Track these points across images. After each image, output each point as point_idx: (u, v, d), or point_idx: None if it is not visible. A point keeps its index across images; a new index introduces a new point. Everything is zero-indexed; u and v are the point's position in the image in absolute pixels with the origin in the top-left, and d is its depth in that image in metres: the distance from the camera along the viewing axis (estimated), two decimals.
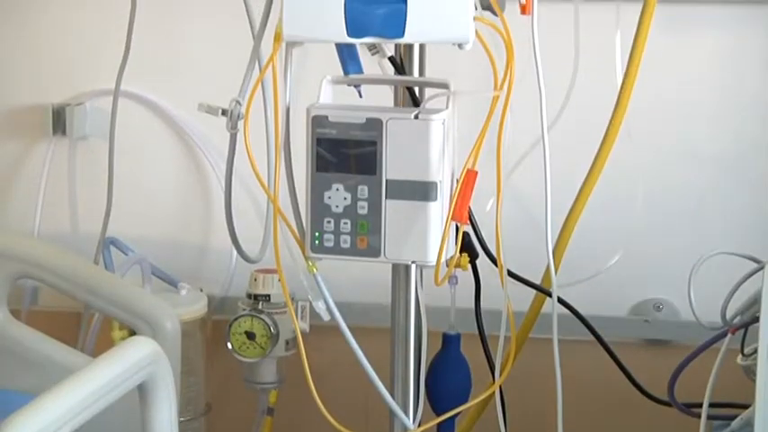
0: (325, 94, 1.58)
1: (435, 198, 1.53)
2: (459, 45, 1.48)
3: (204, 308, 2.22)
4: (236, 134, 1.72)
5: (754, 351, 1.51)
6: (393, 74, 1.64)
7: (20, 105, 2.39)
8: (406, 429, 1.69)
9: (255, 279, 2.16)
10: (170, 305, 1.85)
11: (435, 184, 1.52)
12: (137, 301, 1.81)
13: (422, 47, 1.65)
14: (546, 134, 1.59)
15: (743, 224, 2.16)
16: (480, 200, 1.64)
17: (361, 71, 1.61)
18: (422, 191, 1.53)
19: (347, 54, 1.60)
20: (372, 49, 1.62)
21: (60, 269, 1.83)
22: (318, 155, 1.55)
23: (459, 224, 1.56)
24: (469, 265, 1.64)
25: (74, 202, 2.40)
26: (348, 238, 1.56)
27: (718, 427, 1.66)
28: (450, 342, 1.75)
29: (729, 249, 1.67)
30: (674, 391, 1.70)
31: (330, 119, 1.54)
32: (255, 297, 2.16)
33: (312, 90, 1.57)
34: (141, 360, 1.30)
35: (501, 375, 1.67)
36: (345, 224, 1.55)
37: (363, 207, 1.54)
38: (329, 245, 1.56)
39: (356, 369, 1.64)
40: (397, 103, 1.67)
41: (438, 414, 1.72)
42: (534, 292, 1.84)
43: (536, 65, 1.56)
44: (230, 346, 2.15)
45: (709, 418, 1.62)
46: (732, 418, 1.61)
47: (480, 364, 1.74)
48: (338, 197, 1.55)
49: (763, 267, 1.53)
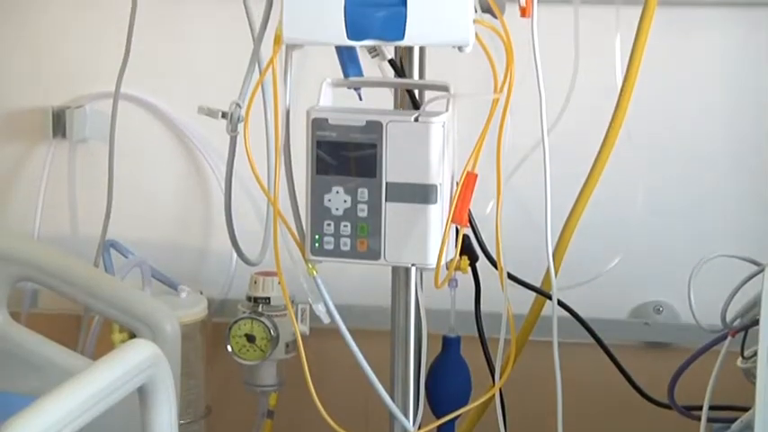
0: (325, 96, 1.58)
1: (435, 201, 1.53)
2: (459, 48, 1.48)
3: (204, 310, 2.22)
4: (236, 137, 1.72)
5: (754, 354, 1.50)
6: (393, 76, 1.64)
7: (20, 108, 2.38)
8: None
9: (255, 282, 2.16)
10: (170, 308, 1.85)
11: (435, 186, 1.52)
12: (137, 304, 1.81)
13: (422, 49, 1.64)
14: (546, 136, 1.59)
15: (743, 226, 2.16)
16: (480, 202, 1.64)
17: (361, 74, 1.60)
18: (422, 193, 1.52)
19: (347, 57, 1.59)
20: (372, 51, 1.61)
21: (60, 272, 1.83)
22: (318, 157, 1.55)
23: (459, 227, 1.55)
24: (469, 268, 1.63)
25: (74, 205, 2.40)
26: (348, 240, 1.56)
27: (719, 430, 1.66)
28: (451, 345, 1.75)
29: (729, 252, 1.68)
30: (674, 394, 1.70)
31: (330, 121, 1.54)
32: (255, 300, 2.16)
33: (312, 93, 1.57)
34: (141, 363, 1.30)
35: (501, 378, 1.67)
36: (345, 227, 1.55)
37: (363, 210, 1.54)
38: (329, 247, 1.56)
39: (356, 372, 1.64)
40: (396, 105, 1.67)
41: (438, 417, 1.72)
42: (534, 294, 1.84)
43: (536, 67, 1.56)
44: (230, 348, 2.14)
45: (710, 420, 1.62)
46: (732, 420, 1.61)
47: (480, 367, 1.74)
48: (338, 200, 1.55)
49: (763, 270, 1.53)
